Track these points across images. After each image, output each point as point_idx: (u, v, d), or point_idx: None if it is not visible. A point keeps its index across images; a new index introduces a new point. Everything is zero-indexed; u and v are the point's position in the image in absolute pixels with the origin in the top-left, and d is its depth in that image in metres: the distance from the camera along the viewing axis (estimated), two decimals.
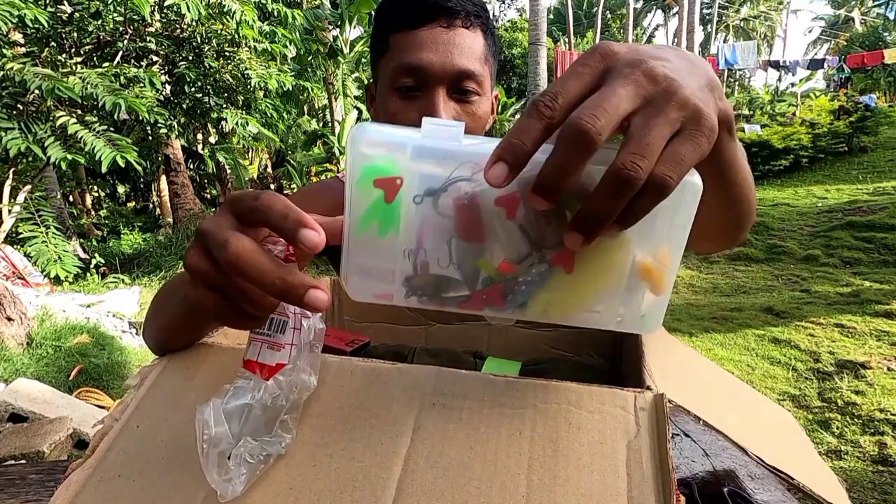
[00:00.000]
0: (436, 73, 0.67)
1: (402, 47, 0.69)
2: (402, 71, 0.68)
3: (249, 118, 4.40)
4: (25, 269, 4.85)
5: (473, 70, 0.69)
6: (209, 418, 0.32)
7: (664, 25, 31.74)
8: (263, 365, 0.34)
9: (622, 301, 0.33)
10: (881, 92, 16.09)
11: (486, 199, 0.31)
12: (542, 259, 0.32)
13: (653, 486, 0.31)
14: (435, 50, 0.67)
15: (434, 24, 0.68)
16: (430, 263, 0.33)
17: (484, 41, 0.71)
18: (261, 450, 0.33)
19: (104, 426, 0.40)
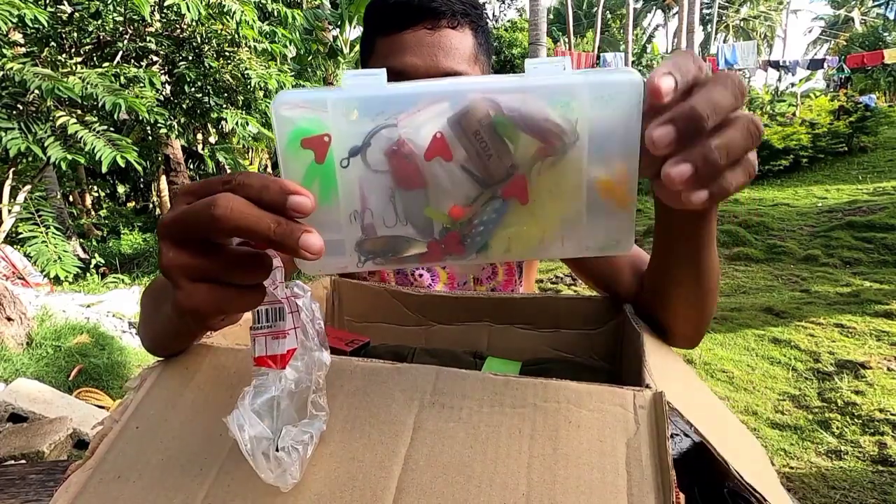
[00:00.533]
0: (419, 77, 0.65)
1: (386, 51, 0.67)
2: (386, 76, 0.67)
3: (249, 118, 4.40)
4: (25, 269, 4.85)
5: (460, 71, 0.67)
6: (243, 422, 0.32)
7: (664, 25, 31.76)
8: (275, 356, 0.34)
9: (587, 225, 0.31)
10: (881, 92, 16.10)
11: (418, 144, 0.29)
12: (493, 195, 0.30)
13: (652, 484, 0.31)
14: (419, 53, 0.66)
15: (419, 26, 0.66)
16: (377, 225, 0.31)
17: (474, 40, 0.70)
18: (302, 433, 0.33)
19: (104, 427, 0.40)
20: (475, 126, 0.29)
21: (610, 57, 14.10)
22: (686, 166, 0.27)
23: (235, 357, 0.44)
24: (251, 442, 0.31)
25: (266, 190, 0.29)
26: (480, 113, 0.29)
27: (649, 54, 21.31)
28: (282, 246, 0.29)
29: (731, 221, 6.23)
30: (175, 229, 0.30)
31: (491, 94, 0.29)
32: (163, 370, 0.44)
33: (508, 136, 0.29)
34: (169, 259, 0.30)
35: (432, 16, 0.66)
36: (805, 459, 2.24)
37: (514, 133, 0.29)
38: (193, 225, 0.30)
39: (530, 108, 0.28)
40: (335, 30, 9.86)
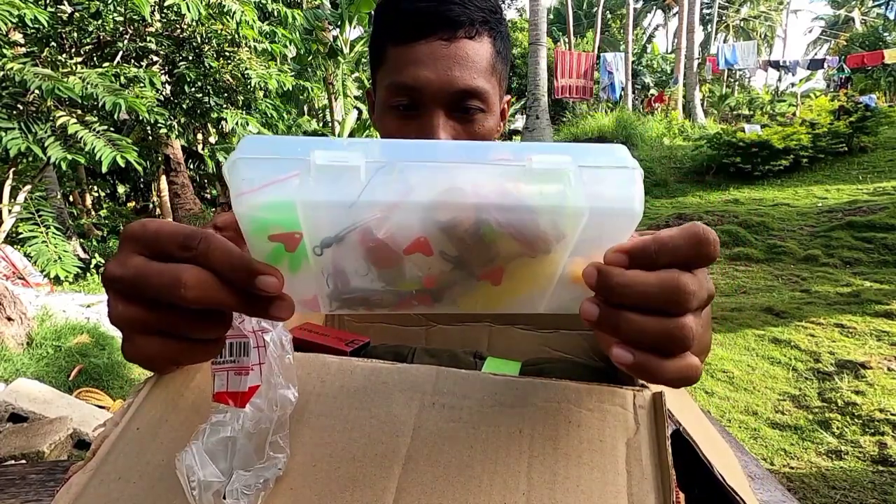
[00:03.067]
0: (433, 93, 0.61)
1: (398, 63, 0.63)
2: (398, 90, 0.62)
3: (249, 118, 4.40)
4: (25, 269, 4.85)
5: (476, 87, 0.62)
6: (193, 463, 0.30)
7: (664, 25, 31.75)
8: (235, 393, 0.32)
9: (552, 296, 0.33)
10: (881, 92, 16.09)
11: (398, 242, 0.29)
12: (469, 274, 0.31)
13: (652, 483, 0.31)
14: (433, 68, 0.61)
15: (433, 37, 0.61)
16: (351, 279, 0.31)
17: (492, 48, 0.65)
18: (256, 478, 0.32)
19: (105, 429, 0.40)
20: (461, 234, 0.28)
21: (610, 57, 14.09)
22: (595, 310, 0.29)
23: None
24: (199, 486, 0.30)
25: (232, 270, 0.27)
26: (468, 224, 0.28)
27: (649, 54, 21.29)
28: (252, 314, 0.28)
29: (731, 221, 6.23)
30: (128, 288, 0.28)
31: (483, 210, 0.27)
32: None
33: (494, 241, 0.29)
34: (119, 312, 0.29)
35: (449, 26, 0.61)
36: (805, 459, 2.24)
37: (501, 238, 0.29)
38: (153, 290, 0.28)
39: (523, 225, 0.28)
40: (335, 30, 9.86)
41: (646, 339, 0.28)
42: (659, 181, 8.99)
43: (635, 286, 0.28)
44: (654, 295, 0.28)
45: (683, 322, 0.28)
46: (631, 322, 0.28)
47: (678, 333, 0.28)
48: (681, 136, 11.76)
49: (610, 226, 0.29)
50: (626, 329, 0.28)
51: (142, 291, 0.28)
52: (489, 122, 0.66)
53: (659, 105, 14.82)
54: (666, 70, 18.72)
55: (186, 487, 0.30)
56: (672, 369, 0.29)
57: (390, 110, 0.65)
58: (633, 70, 16.66)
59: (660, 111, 14.09)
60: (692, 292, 0.28)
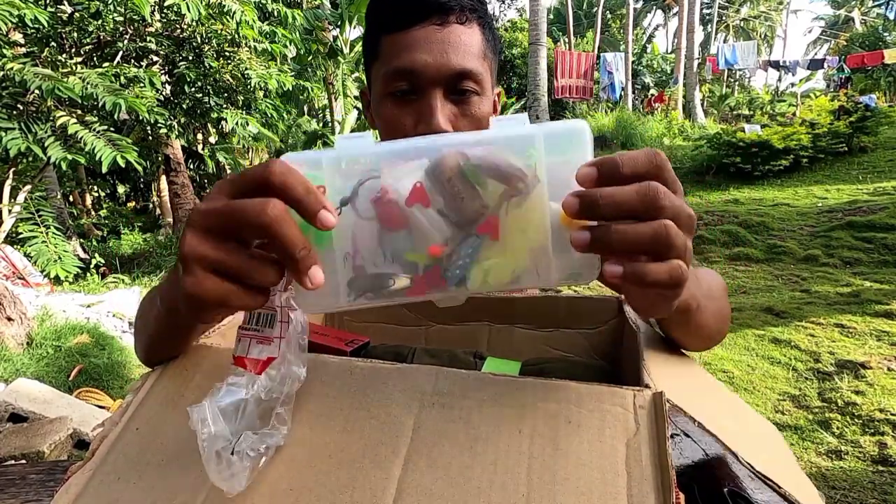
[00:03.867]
0: (431, 76, 0.63)
1: (393, 50, 0.65)
2: (395, 75, 0.64)
3: (249, 118, 4.40)
4: (25, 269, 4.85)
5: (471, 68, 0.65)
6: (206, 416, 0.32)
7: (664, 25, 31.75)
8: (254, 360, 0.35)
9: (554, 259, 0.35)
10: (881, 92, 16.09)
11: (400, 193, 0.34)
12: (468, 234, 0.34)
13: (652, 483, 0.31)
14: (428, 50, 0.63)
15: (426, 22, 0.63)
16: (367, 265, 0.35)
17: (482, 36, 0.67)
18: (260, 442, 0.33)
19: (104, 429, 0.40)
20: (448, 174, 0.33)
21: (610, 57, 14.09)
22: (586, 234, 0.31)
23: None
24: (209, 439, 0.32)
25: (307, 198, 0.31)
26: (451, 162, 0.33)
27: (649, 54, 21.29)
28: (296, 267, 0.31)
29: (731, 221, 6.23)
30: (213, 221, 0.31)
31: (460, 147, 0.33)
32: (163, 371, 0.44)
33: (478, 182, 0.33)
34: (192, 246, 0.31)
35: (441, 11, 0.64)
36: (805, 459, 2.24)
37: (482, 179, 0.33)
38: (237, 222, 0.31)
39: (494, 156, 0.33)
40: (335, 30, 9.86)
41: (635, 245, 0.31)
42: None
43: (615, 197, 0.31)
44: (634, 202, 0.31)
45: (666, 223, 0.31)
46: (619, 232, 0.31)
47: (663, 232, 0.31)
48: (681, 136, 11.76)
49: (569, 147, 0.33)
50: (618, 240, 0.31)
51: (224, 225, 0.31)
52: (484, 106, 0.68)
53: (659, 105, 14.82)
54: (666, 70, 18.72)
55: (199, 438, 0.32)
56: (661, 270, 0.31)
57: (388, 98, 0.66)
58: (633, 70, 16.66)
59: (660, 111, 14.09)
60: (666, 194, 0.31)
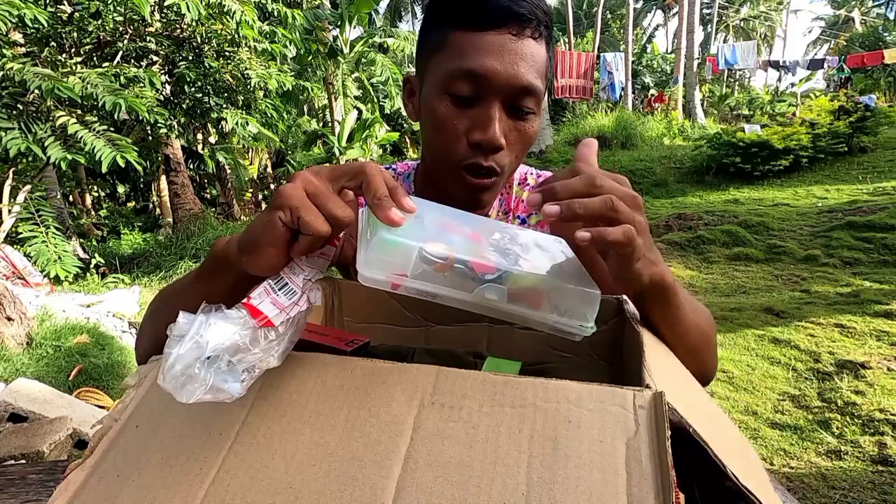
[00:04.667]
0: (498, 84, 0.62)
1: (463, 48, 0.62)
2: (461, 75, 0.62)
3: (249, 118, 4.40)
4: (25, 269, 4.85)
5: (536, 87, 0.63)
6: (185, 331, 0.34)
7: (664, 25, 31.75)
8: (258, 310, 0.37)
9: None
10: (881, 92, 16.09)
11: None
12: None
13: (652, 483, 0.31)
14: (501, 58, 0.61)
15: (503, 29, 0.61)
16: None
17: (546, 54, 0.66)
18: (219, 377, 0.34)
19: (103, 426, 0.40)
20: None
21: (610, 57, 14.09)
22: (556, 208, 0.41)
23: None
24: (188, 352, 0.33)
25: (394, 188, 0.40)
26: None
27: (649, 54, 21.29)
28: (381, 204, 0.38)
29: (731, 221, 6.23)
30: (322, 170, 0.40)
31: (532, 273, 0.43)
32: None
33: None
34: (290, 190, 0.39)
35: (519, 21, 0.62)
36: (805, 459, 2.24)
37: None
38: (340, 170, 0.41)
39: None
40: (335, 30, 9.86)
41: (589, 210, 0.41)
42: (659, 181, 8.98)
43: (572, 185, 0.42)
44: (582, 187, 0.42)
45: (610, 196, 0.41)
46: (578, 202, 0.41)
47: (609, 201, 0.41)
48: (681, 136, 11.76)
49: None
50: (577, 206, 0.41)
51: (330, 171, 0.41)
52: (536, 125, 0.67)
53: (659, 105, 14.81)
54: (666, 70, 18.71)
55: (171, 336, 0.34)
56: (616, 231, 0.41)
57: (446, 96, 0.64)
58: (633, 70, 16.65)
59: (660, 111, 14.09)
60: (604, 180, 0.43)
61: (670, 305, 0.51)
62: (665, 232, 6.28)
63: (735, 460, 0.35)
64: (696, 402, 0.43)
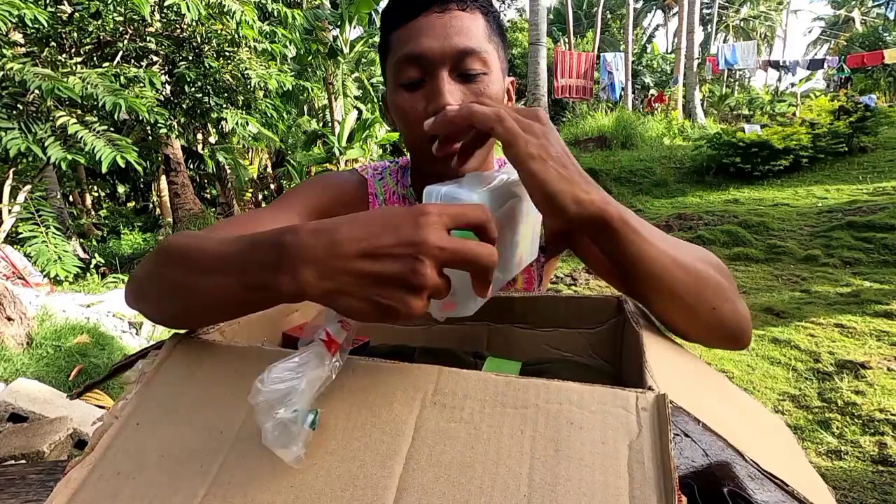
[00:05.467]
0: (435, 57, 0.65)
1: (400, 42, 0.67)
2: (403, 63, 0.67)
3: (249, 118, 4.40)
4: (25, 269, 4.84)
5: (474, 47, 0.66)
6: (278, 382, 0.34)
7: (664, 25, 31.74)
8: (335, 343, 0.37)
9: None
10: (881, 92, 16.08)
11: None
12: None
13: (654, 486, 0.31)
14: (432, 35, 0.65)
15: (428, 11, 0.66)
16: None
17: (485, 23, 0.69)
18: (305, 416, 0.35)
19: (103, 424, 0.40)
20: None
21: (610, 57, 14.09)
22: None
23: (236, 354, 0.44)
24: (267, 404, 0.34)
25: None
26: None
27: (649, 54, 21.28)
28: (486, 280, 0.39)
29: (731, 221, 6.23)
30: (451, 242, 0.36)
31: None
32: (163, 367, 0.44)
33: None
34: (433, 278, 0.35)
35: (439, 1, 0.66)
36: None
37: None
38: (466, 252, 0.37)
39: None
40: (335, 30, 9.86)
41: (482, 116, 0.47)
42: (659, 181, 8.98)
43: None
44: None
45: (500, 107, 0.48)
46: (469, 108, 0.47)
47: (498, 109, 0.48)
48: (681, 136, 11.75)
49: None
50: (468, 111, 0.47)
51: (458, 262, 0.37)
52: (494, 86, 0.69)
53: (659, 105, 14.81)
54: (666, 70, 18.71)
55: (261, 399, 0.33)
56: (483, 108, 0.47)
57: (400, 88, 0.69)
58: (633, 70, 16.65)
59: (660, 111, 14.08)
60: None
61: (623, 239, 0.48)
62: (665, 232, 6.29)
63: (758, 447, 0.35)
64: (707, 395, 0.43)
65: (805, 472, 0.39)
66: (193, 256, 0.44)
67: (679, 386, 0.41)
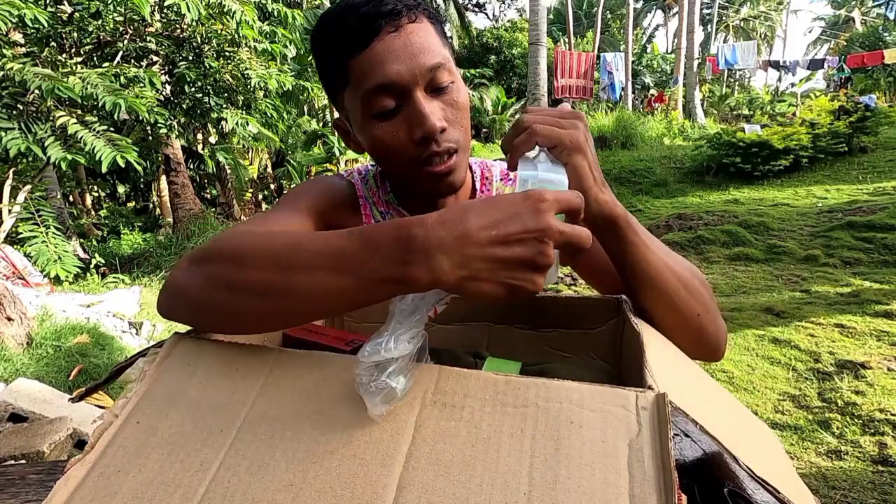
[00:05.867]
0: (407, 81, 0.63)
1: (363, 72, 0.63)
2: (374, 94, 0.64)
3: (249, 118, 4.40)
4: (25, 269, 4.84)
5: (440, 61, 0.65)
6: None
7: (664, 25, 31.75)
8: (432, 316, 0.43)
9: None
10: (881, 92, 16.09)
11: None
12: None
13: (654, 485, 0.31)
14: (395, 58, 0.62)
15: (381, 33, 0.63)
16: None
17: (433, 28, 0.67)
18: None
19: (104, 422, 0.40)
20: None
21: (610, 57, 14.09)
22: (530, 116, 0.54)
23: (236, 353, 0.44)
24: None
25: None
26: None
27: (649, 54, 21.29)
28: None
29: (731, 221, 6.23)
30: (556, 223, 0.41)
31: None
32: (164, 365, 0.44)
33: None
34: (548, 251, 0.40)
35: (391, 17, 0.63)
36: (805, 459, 2.24)
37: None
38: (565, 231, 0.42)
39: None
40: None
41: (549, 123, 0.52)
42: (659, 181, 8.98)
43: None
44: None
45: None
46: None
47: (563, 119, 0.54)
48: (681, 136, 11.75)
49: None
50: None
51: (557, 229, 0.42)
52: (462, 92, 0.69)
53: (659, 105, 14.81)
54: (666, 70, 18.72)
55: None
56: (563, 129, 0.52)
57: (374, 119, 0.66)
58: (633, 70, 16.65)
59: (660, 111, 14.08)
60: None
61: (626, 240, 0.54)
62: (665, 232, 6.27)
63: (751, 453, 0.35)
64: (704, 398, 0.43)
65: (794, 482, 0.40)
66: (283, 256, 0.43)
67: (678, 387, 0.41)
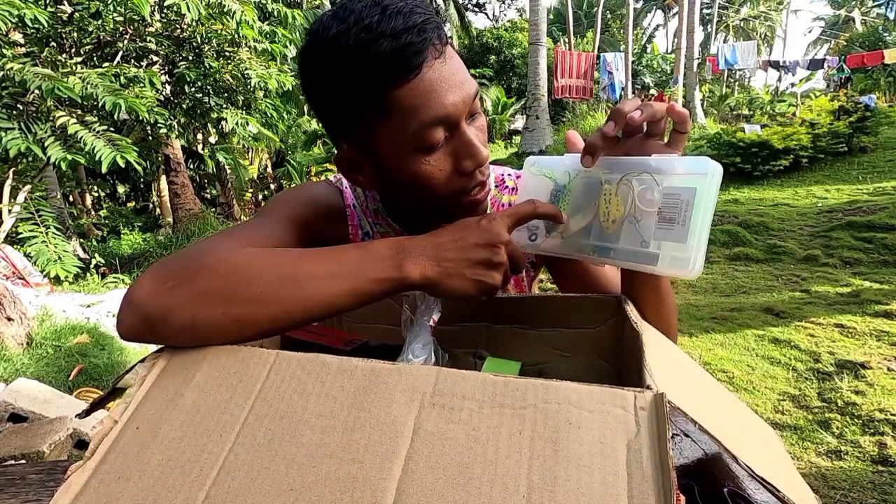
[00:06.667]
0: (461, 111, 0.59)
1: (413, 104, 0.56)
2: (431, 127, 0.58)
3: (249, 118, 4.40)
4: (25, 269, 4.85)
5: (476, 86, 0.62)
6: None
7: (664, 25, 31.75)
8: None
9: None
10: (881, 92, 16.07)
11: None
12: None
13: (653, 485, 0.31)
14: (448, 88, 0.57)
15: (430, 59, 0.57)
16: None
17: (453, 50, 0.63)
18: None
19: (104, 427, 0.40)
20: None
21: (610, 57, 14.09)
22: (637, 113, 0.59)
23: (235, 357, 0.44)
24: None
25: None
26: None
27: (649, 54, 21.28)
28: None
29: (731, 221, 6.23)
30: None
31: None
32: (162, 370, 0.44)
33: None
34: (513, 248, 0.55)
35: (434, 44, 0.57)
36: (805, 459, 2.24)
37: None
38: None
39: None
40: None
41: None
42: None
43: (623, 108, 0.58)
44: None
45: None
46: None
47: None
48: None
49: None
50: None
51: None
52: (481, 114, 0.66)
53: None
54: (666, 70, 18.71)
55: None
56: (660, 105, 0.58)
57: (420, 154, 0.60)
58: (633, 70, 16.64)
59: None
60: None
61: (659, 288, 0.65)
62: None
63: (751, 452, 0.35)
64: (703, 397, 0.43)
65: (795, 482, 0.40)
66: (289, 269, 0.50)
67: (678, 386, 0.41)
